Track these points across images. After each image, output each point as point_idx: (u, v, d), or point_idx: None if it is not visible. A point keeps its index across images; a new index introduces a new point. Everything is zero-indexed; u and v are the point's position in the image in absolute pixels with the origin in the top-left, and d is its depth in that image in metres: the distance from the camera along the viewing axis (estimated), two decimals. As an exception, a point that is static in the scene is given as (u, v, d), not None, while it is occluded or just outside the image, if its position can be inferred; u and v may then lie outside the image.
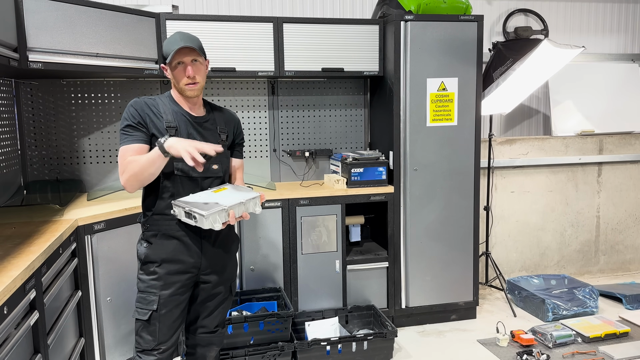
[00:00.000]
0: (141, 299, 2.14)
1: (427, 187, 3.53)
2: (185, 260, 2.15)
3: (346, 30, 3.51)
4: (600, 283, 4.40)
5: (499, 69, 3.83)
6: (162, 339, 2.15)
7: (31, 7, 2.60)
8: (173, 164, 2.10)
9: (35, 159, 3.40)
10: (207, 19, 3.30)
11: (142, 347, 2.16)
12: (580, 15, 4.58)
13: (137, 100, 2.14)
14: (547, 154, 4.44)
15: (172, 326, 2.17)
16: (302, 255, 3.43)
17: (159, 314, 2.12)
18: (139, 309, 2.14)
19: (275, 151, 3.88)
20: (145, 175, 2.03)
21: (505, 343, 3.31)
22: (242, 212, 2.08)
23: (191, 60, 2.11)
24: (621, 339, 3.37)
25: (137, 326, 2.16)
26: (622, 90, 4.62)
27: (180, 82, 2.13)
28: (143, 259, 2.15)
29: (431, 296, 3.63)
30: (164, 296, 2.12)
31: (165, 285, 2.12)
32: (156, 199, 2.14)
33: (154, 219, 2.15)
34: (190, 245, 2.15)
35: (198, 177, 2.16)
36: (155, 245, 2.14)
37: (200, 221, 1.97)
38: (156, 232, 2.15)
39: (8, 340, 1.63)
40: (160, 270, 2.12)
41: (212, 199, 2.05)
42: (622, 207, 4.70)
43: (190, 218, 2.00)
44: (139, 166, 2.00)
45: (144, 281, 2.15)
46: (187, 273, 2.16)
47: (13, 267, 1.75)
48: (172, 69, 2.12)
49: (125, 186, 2.06)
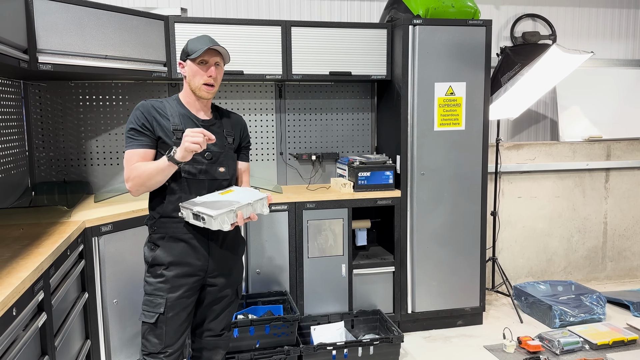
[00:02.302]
0: (148, 301, 2.14)
1: (434, 191, 3.51)
2: (193, 263, 2.15)
3: (354, 34, 3.51)
4: (607, 290, 4.37)
5: (507, 74, 3.82)
6: (169, 342, 2.14)
7: (41, 9, 2.61)
8: (182, 168, 2.11)
9: (42, 160, 3.40)
10: (215, 22, 3.31)
11: (148, 350, 2.15)
12: (588, 20, 4.57)
13: (144, 103, 2.15)
14: (554, 159, 4.42)
15: (179, 329, 2.16)
16: (308, 259, 3.42)
17: (165, 317, 2.11)
18: (145, 312, 2.14)
19: (282, 154, 3.88)
20: (153, 183, 2.05)
21: (512, 349, 3.29)
22: (250, 213, 2.09)
23: (215, 62, 2.15)
24: (629, 346, 3.34)
25: (144, 329, 2.16)
26: (630, 95, 4.60)
27: (197, 80, 2.14)
28: (150, 261, 2.15)
29: (437, 301, 3.61)
30: (171, 299, 2.12)
31: (172, 288, 2.12)
32: (163, 201, 2.14)
33: (161, 221, 2.15)
34: (198, 248, 2.15)
35: (205, 179, 2.16)
36: (163, 248, 2.14)
37: (208, 222, 1.98)
38: (163, 234, 2.15)
39: (17, 341, 1.63)
40: (168, 273, 2.12)
41: (220, 201, 2.06)
42: (630, 214, 4.67)
43: (199, 220, 2.01)
44: (146, 174, 2.02)
45: (151, 284, 2.14)
46: (195, 276, 2.16)
47: (22, 269, 1.75)
48: (191, 66, 2.14)
49: (131, 191, 2.08)
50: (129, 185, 2.08)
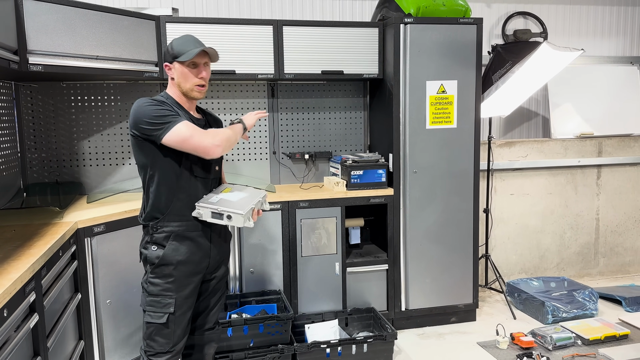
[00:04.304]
0: (155, 302, 2.14)
1: (427, 189, 3.53)
2: (198, 260, 2.20)
3: (346, 33, 3.52)
4: (599, 285, 4.40)
5: (499, 72, 3.83)
6: (176, 341, 2.18)
7: (31, 10, 2.60)
8: (190, 166, 2.15)
9: (35, 161, 3.40)
10: (207, 21, 3.31)
11: (155, 350, 2.16)
12: (579, 18, 4.59)
13: (145, 98, 2.13)
14: (546, 156, 4.45)
15: (186, 328, 2.21)
16: (302, 257, 3.43)
17: (175, 317, 2.14)
18: (152, 313, 2.14)
19: (275, 154, 3.88)
20: (232, 144, 2.21)
21: (505, 345, 3.31)
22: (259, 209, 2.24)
23: (204, 63, 2.16)
24: (621, 341, 3.37)
25: (150, 330, 2.15)
26: (621, 92, 4.63)
27: (188, 83, 2.15)
28: (157, 262, 2.14)
29: (431, 299, 3.62)
30: (180, 298, 2.15)
31: (180, 287, 2.15)
32: (171, 200, 2.14)
33: (166, 220, 2.15)
34: (202, 245, 2.20)
35: (208, 178, 2.24)
36: (170, 247, 2.14)
37: (236, 220, 2.09)
38: (169, 233, 2.15)
39: (8, 342, 1.63)
40: (176, 273, 2.14)
41: (234, 199, 2.19)
42: (622, 210, 4.70)
43: (220, 218, 2.10)
44: (227, 137, 2.16)
45: (157, 285, 2.14)
46: (200, 273, 2.22)
47: (13, 270, 1.75)
48: (181, 68, 2.14)
49: (217, 149, 2.09)
50: (215, 141, 2.08)
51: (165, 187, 2.14)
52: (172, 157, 2.12)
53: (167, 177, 2.14)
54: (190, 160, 2.14)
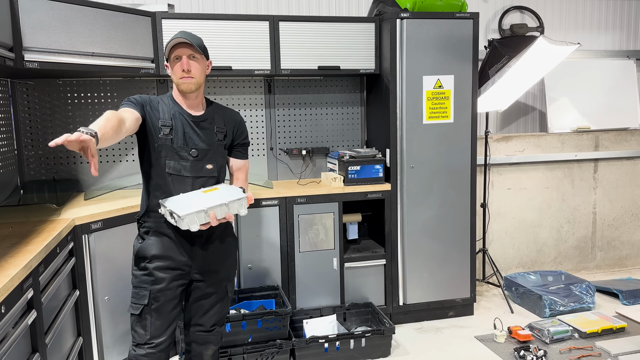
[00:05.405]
0: (134, 294, 2.20)
1: (424, 184, 3.53)
2: (176, 257, 2.19)
3: (342, 28, 3.51)
4: (596, 279, 4.41)
5: (495, 66, 3.84)
6: (155, 334, 2.18)
7: (26, 6, 2.59)
8: (165, 162, 2.14)
9: (31, 158, 3.39)
10: (203, 17, 3.30)
11: (136, 341, 2.21)
12: (575, 12, 4.59)
13: (140, 95, 2.19)
14: (543, 150, 4.46)
15: (165, 322, 2.20)
16: (300, 253, 3.44)
17: (150, 309, 2.16)
18: (132, 304, 2.20)
19: (272, 149, 3.88)
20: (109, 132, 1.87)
21: (502, 339, 3.32)
22: (225, 214, 2.06)
23: (188, 55, 2.15)
24: (618, 334, 3.38)
25: (132, 320, 2.22)
26: (618, 86, 4.63)
27: (175, 76, 2.17)
28: (136, 254, 2.21)
29: (428, 293, 3.64)
30: (154, 291, 2.16)
31: (155, 280, 2.17)
32: (149, 196, 2.20)
33: (147, 215, 2.21)
34: (181, 243, 2.19)
35: (190, 176, 2.19)
36: (147, 241, 2.19)
37: (178, 221, 2.00)
38: (149, 229, 2.20)
39: (6, 339, 1.63)
40: (150, 266, 2.17)
41: (197, 199, 2.07)
42: (618, 203, 4.72)
43: (172, 218, 2.04)
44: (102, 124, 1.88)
45: (136, 276, 2.21)
46: (177, 270, 2.20)
47: (10, 267, 1.76)
48: (171, 65, 2.17)
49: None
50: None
51: (146, 183, 2.21)
52: (149, 153, 2.17)
53: (147, 174, 2.20)
54: (164, 157, 2.15)
